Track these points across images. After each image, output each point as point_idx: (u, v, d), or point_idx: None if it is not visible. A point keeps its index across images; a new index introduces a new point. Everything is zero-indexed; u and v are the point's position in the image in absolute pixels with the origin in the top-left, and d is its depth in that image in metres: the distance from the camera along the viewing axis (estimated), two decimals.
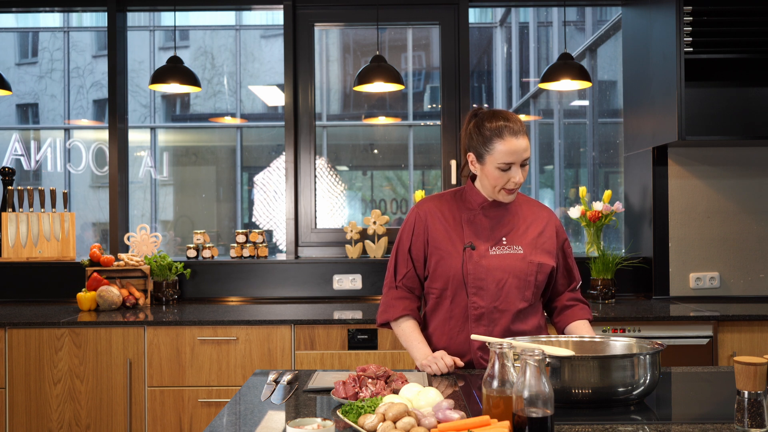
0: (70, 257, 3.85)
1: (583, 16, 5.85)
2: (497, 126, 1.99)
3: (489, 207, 2.09)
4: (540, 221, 2.13)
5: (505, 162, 1.98)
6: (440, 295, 2.08)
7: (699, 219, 3.70)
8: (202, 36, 7.72)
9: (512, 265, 2.04)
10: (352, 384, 1.64)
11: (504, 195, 2.04)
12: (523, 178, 2.01)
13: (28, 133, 7.90)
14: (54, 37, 7.79)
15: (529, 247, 2.07)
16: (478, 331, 2.03)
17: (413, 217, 2.14)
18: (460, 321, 2.06)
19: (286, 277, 3.83)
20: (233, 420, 1.57)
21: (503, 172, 2.00)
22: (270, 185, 5.87)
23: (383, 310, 2.16)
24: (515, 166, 1.99)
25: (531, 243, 2.08)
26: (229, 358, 3.13)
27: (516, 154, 1.97)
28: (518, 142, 1.97)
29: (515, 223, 2.10)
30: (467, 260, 2.03)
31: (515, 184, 2.01)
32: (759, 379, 1.34)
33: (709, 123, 3.25)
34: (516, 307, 2.03)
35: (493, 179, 2.02)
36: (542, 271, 2.07)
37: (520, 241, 2.07)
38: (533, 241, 2.08)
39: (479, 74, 7.12)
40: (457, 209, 2.11)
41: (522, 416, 1.31)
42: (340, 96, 6.77)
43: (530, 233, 2.09)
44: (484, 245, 2.05)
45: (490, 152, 2.00)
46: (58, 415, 3.11)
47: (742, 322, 3.10)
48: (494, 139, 1.98)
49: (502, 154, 1.97)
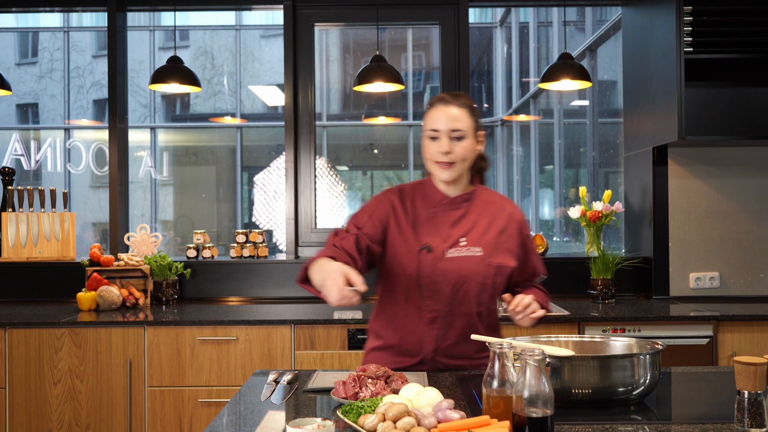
0: (70, 257, 3.85)
1: (583, 16, 5.85)
2: (434, 98, 2.00)
3: (449, 204, 2.01)
4: (502, 218, 2.03)
5: (432, 128, 1.95)
6: (393, 291, 1.99)
7: (699, 219, 3.70)
8: (202, 36, 7.73)
9: (470, 267, 1.95)
10: (352, 384, 1.64)
11: (437, 169, 1.97)
12: (450, 150, 1.92)
13: (28, 133, 7.90)
14: (54, 37, 7.80)
15: (489, 248, 1.98)
16: (431, 333, 1.96)
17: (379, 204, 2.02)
18: (414, 320, 1.97)
19: (286, 277, 3.83)
20: (233, 420, 1.57)
21: (432, 141, 1.96)
22: (270, 185, 5.87)
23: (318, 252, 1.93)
24: (442, 136, 1.93)
25: (491, 243, 1.98)
26: (229, 358, 3.13)
27: (442, 120, 1.93)
28: (447, 109, 1.94)
29: (475, 221, 2.00)
30: (422, 262, 1.93)
31: (441, 155, 1.93)
32: (759, 379, 1.34)
33: (709, 123, 3.25)
34: (472, 310, 1.97)
35: (425, 150, 1.99)
36: (501, 273, 1.98)
37: (479, 241, 1.98)
38: (494, 240, 1.99)
39: (479, 74, 7.12)
40: (417, 205, 2.02)
41: (522, 416, 1.31)
42: (340, 96, 6.77)
43: (491, 232, 2.00)
44: (441, 246, 1.95)
45: (425, 121, 2.00)
46: (58, 415, 3.11)
47: (742, 322, 3.10)
48: (428, 109, 1.99)
49: (431, 119, 1.96)
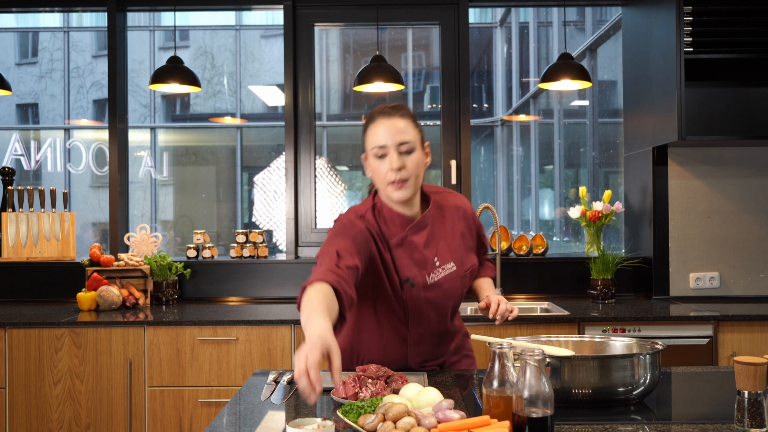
0: (70, 257, 3.85)
1: (583, 16, 5.85)
2: (372, 113, 1.84)
3: (415, 227, 1.87)
4: (458, 219, 1.96)
5: (378, 145, 1.78)
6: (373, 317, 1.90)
7: (699, 219, 3.70)
8: (202, 36, 7.73)
9: (451, 286, 1.91)
10: (352, 384, 1.64)
11: (391, 190, 1.79)
12: (403, 164, 1.77)
13: (28, 133, 7.90)
14: (54, 37, 7.79)
15: (459, 257, 1.93)
16: (417, 350, 1.94)
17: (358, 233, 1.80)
18: (397, 342, 1.92)
19: (286, 277, 3.83)
20: (233, 420, 1.57)
21: (380, 160, 1.79)
22: (270, 185, 5.87)
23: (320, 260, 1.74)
24: (390, 151, 1.77)
25: (459, 251, 1.93)
26: (229, 358, 3.13)
27: (386, 134, 1.77)
28: (389, 122, 1.78)
29: (440, 236, 1.91)
30: (407, 296, 1.86)
31: (394, 172, 1.77)
32: (759, 379, 1.34)
33: (709, 123, 3.25)
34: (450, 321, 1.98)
35: (373, 172, 1.81)
36: (472, 274, 1.98)
37: (450, 255, 1.91)
38: (459, 247, 1.94)
39: (479, 74, 7.12)
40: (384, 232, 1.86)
41: (522, 416, 1.31)
42: (340, 96, 6.77)
43: (455, 240, 1.93)
44: (421, 275, 1.86)
45: (366, 139, 1.83)
46: (58, 415, 3.11)
47: (742, 322, 3.10)
48: (368, 125, 1.83)
49: (374, 136, 1.79)
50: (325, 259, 1.73)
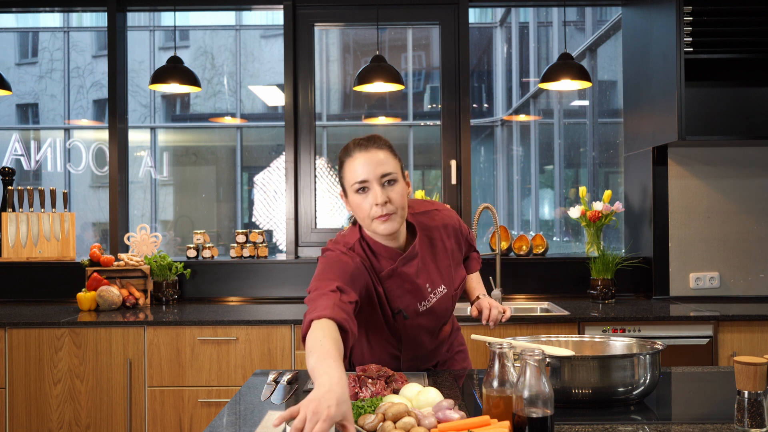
0: (70, 257, 3.85)
1: (583, 16, 5.85)
2: (347, 148, 1.75)
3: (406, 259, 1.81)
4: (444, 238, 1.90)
5: (358, 181, 1.70)
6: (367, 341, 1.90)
7: (699, 219, 3.70)
8: (202, 36, 7.73)
9: (442, 308, 1.89)
10: (352, 384, 1.64)
11: (378, 225, 1.72)
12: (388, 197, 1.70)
13: (28, 133, 7.90)
14: (54, 37, 7.79)
15: (448, 277, 1.89)
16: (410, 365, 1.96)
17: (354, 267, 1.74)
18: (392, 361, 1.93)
19: (286, 277, 3.83)
20: (233, 420, 1.57)
21: (363, 195, 1.71)
22: (270, 185, 5.87)
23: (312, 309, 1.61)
24: (373, 185, 1.69)
25: (447, 271, 1.90)
26: (229, 358, 3.13)
27: (366, 167, 1.69)
28: (368, 155, 1.70)
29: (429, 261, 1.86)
30: (400, 326, 1.84)
31: (379, 207, 1.69)
32: (759, 379, 1.34)
33: (709, 123, 3.25)
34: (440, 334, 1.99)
35: (356, 208, 1.73)
36: (462, 285, 1.97)
37: (440, 279, 1.87)
38: (448, 267, 1.90)
39: (479, 74, 7.12)
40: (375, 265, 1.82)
41: (522, 416, 1.31)
42: (340, 96, 6.77)
43: (442, 262, 1.89)
44: (412, 304, 1.83)
45: (344, 176, 1.74)
46: (58, 415, 3.11)
47: (742, 322, 3.10)
48: (344, 161, 1.74)
49: (353, 171, 1.70)
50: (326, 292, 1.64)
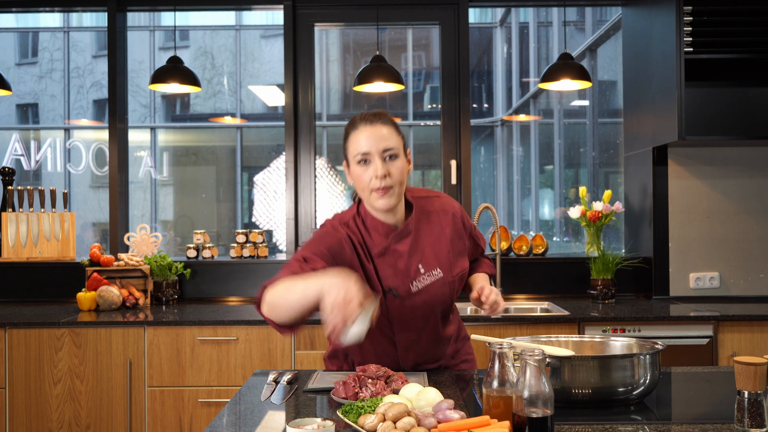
0: (70, 257, 3.85)
1: (583, 16, 5.85)
2: (353, 120, 1.81)
3: (399, 235, 1.84)
4: (446, 224, 1.92)
5: (361, 152, 1.76)
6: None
7: (699, 219, 3.70)
8: (202, 36, 7.73)
9: (437, 293, 1.88)
10: (352, 384, 1.64)
11: (376, 199, 1.77)
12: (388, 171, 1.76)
13: (28, 133, 7.90)
14: (54, 37, 7.80)
15: (446, 264, 1.89)
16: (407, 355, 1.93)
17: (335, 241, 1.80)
18: (387, 349, 1.92)
19: None
20: (233, 420, 1.57)
21: (364, 167, 1.76)
22: (270, 185, 5.87)
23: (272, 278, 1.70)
24: (374, 158, 1.75)
25: (446, 257, 1.90)
26: (229, 358, 3.13)
27: (370, 140, 1.75)
28: (372, 129, 1.76)
29: (425, 242, 1.88)
30: (390, 306, 1.84)
31: (378, 180, 1.74)
32: (759, 379, 1.34)
33: (709, 123, 3.25)
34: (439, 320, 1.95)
35: (356, 179, 1.79)
36: (462, 278, 1.95)
37: (436, 261, 1.88)
38: (447, 253, 1.90)
39: (479, 74, 7.12)
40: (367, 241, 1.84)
41: (522, 416, 1.31)
42: (340, 96, 6.77)
43: (443, 246, 1.90)
44: (405, 284, 1.83)
45: (348, 147, 1.80)
46: (58, 415, 3.11)
47: (742, 322, 3.10)
48: (349, 132, 1.80)
49: (356, 144, 1.76)
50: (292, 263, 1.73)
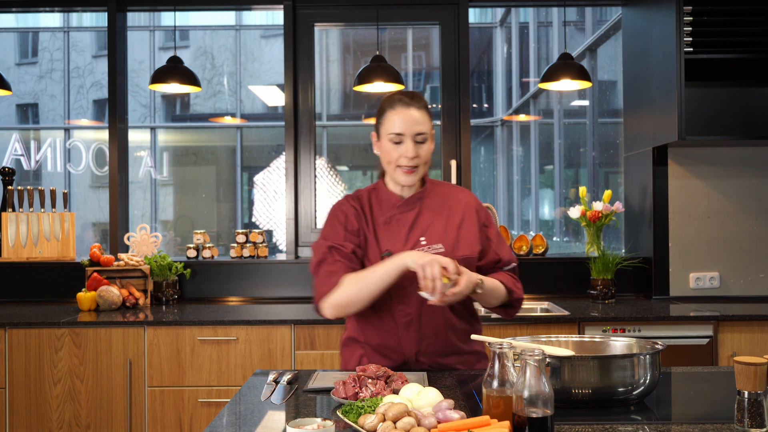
0: (70, 257, 3.85)
1: (583, 16, 5.85)
2: (392, 99, 1.94)
3: (404, 205, 1.97)
4: (458, 210, 2.00)
5: (396, 132, 1.90)
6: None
7: (699, 219, 3.70)
8: (202, 36, 7.73)
9: None
10: (352, 384, 1.64)
11: (401, 175, 1.92)
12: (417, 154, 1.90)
13: (28, 133, 7.90)
14: (54, 37, 7.80)
15: (450, 242, 1.95)
16: (410, 335, 1.94)
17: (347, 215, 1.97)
18: (390, 325, 1.95)
19: (286, 277, 3.83)
20: (233, 420, 1.57)
21: (395, 145, 1.91)
22: (270, 185, 5.87)
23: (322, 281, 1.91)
24: (407, 140, 1.89)
25: (451, 237, 1.96)
26: (229, 358, 3.13)
27: (406, 123, 1.89)
28: (410, 112, 1.90)
29: (432, 218, 1.97)
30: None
31: (407, 160, 1.89)
32: (759, 379, 1.34)
33: (709, 123, 3.25)
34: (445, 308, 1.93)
35: (386, 154, 1.93)
36: (468, 265, 1.92)
37: (440, 237, 1.95)
38: (454, 234, 1.96)
39: (479, 74, 7.12)
40: (374, 210, 1.99)
41: (522, 416, 1.31)
42: (340, 96, 6.77)
43: (450, 226, 1.97)
44: (402, 250, 1.90)
45: (383, 123, 1.93)
46: (58, 415, 3.11)
47: (742, 322, 3.10)
48: (386, 109, 1.93)
49: (392, 123, 1.90)
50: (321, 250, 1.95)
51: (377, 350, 1.98)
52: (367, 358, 2.00)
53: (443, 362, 1.99)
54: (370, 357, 1.99)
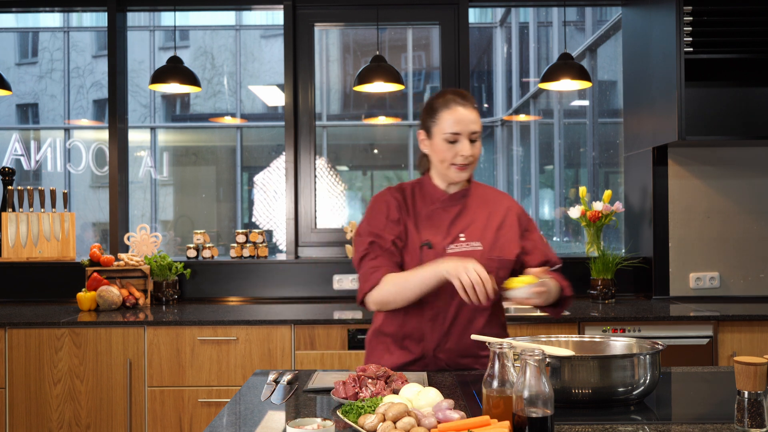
0: (70, 257, 3.85)
1: (583, 16, 5.85)
2: (445, 98, 1.96)
3: (447, 201, 2.02)
4: (499, 212, 2.04)
5: (452, 132, 1.93)
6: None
7: (699, 219, 3.70)
8: (202, 36, 7.73)
9: None
10: (352, 384, 1.64)
11: (455, 172, 1.96)
12: (472, 153, 1.94)
13: (28, 133, 7.90)
14: (54, 37, 7.80)
15: (489, 242, 1.99)
16: (434, 329, 1.96)
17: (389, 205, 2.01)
18: (416, 316, 1.97)
19: (286, 277, 3.83)
20: (233, 420, 1.57)
21: (450, 144, 1.94)
22: (270, 185, 5.87)
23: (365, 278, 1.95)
24: (463, 139, 1.93)
25: (490, 237, 2.00)
26: (229, 358, 3.13)
27: (462, 123, 1.92)
28: (465, 111, 1.93)
29: (474, 217, 2.02)
30: (424, 259, 1.95)
31: (464, 158, 1.93)
32: (759, 379, 1.34)
33: (709, 123, 3.25)
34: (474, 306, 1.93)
35: (440, 153, 1.95)
36: (503, 267, 1.98)
37: (479, 236, 1.99)
38: (493, 234, 2.00)
39: (479, 74, 7.12)
40: (417, 203, 2.03)
41: (522, 416, 1.31)
42: (340, 96, 6.78)
43: (490, 226, 2.01)
44: (442, 243, 1.96)
45: (437, 123, 1.95)
46: (58, 415, 3.11)
47: (742, 322, 3.10)
48: (441, 109, 1.95)
49: (448, 123, 1.93)
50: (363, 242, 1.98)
51: (397, 341, 2.01)
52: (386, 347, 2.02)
53: (460, 362, 2.00)
54: (389, 347, 2.02)
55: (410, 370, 1.99)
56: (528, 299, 1.83)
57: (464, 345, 1.99)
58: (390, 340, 2.02)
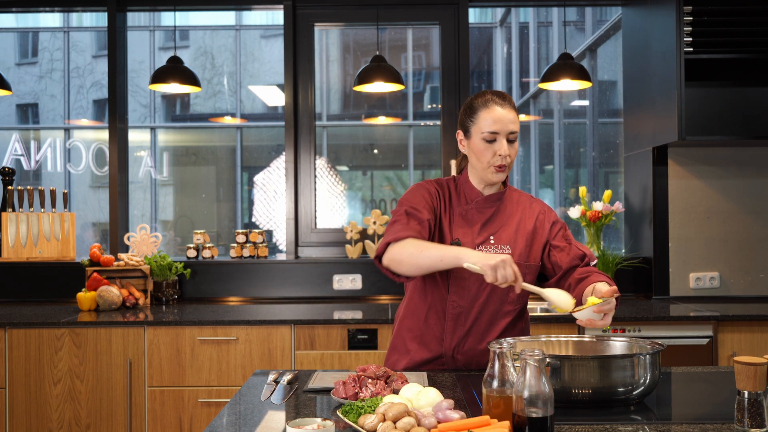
0: (70, 257, 3.85)
1: (583, 16, 5.85)
2: (484, 98, 1.98)
3: (482, 202, 2.03)
4: (531, 218, 2.05)
5: (490, 131, 1.94)
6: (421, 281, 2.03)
7: (699, 219, 3.70)
8: (202, 36, 7.73)
9: None
10: (352, 384, 1.64)
11: (493, 172, 1.97)
12: (510, 153, 1.95)
13: (28, 133, 7.90)
14: (54, 37, 7.80)
15: (518, 247, 2.00)
16: (454, 329, 1.97)
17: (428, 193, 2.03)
18: (438, 314, 2.00)
19: (286, 277, 3.83)
20: (233, 420, 1.57)
21: (489, 144, 1.95)
22: (270, 185, 5.87)
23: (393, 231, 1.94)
24: (501, 138, 1.94)
25: (520, 242, 2.01)
26: (229, 358, 3.13)
27: (501, 122, 1.93)
28: (504, 111, 1.94)
29: (505, 221, 2.03)
30: None
31: (502, 158, 1.94)
32: (759, 379, 1.34)
33: (709, 123, 3.26)
34: (497, 308, 1.98)
35: (478, 152, 1.96)
36: (530, 272, 2.00)
37: (508, 240, 2.01)
38: (523, 240, 2.01)
39: (479, 74, 7.12)
40: (453, 200, 2.05)
41: (522, 416, 1.31)
42: (340, 96, 6.77)
43: (521, 232, 2.02)
44: (471, 242, 1.98)
45: (476, 122, 1.97)
46: (58, 415, 3.11)
47: (742, 322, 3.10)
48: (480, 108, 1.97)
49: (487, 122, 1.94)
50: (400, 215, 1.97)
51: (417, 337, 2.03)
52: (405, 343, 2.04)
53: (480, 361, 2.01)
54: (408, 344, 2.04)
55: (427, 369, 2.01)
56: (595, 321, 1.77)
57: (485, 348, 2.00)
58: (410, 335, 2.05)
